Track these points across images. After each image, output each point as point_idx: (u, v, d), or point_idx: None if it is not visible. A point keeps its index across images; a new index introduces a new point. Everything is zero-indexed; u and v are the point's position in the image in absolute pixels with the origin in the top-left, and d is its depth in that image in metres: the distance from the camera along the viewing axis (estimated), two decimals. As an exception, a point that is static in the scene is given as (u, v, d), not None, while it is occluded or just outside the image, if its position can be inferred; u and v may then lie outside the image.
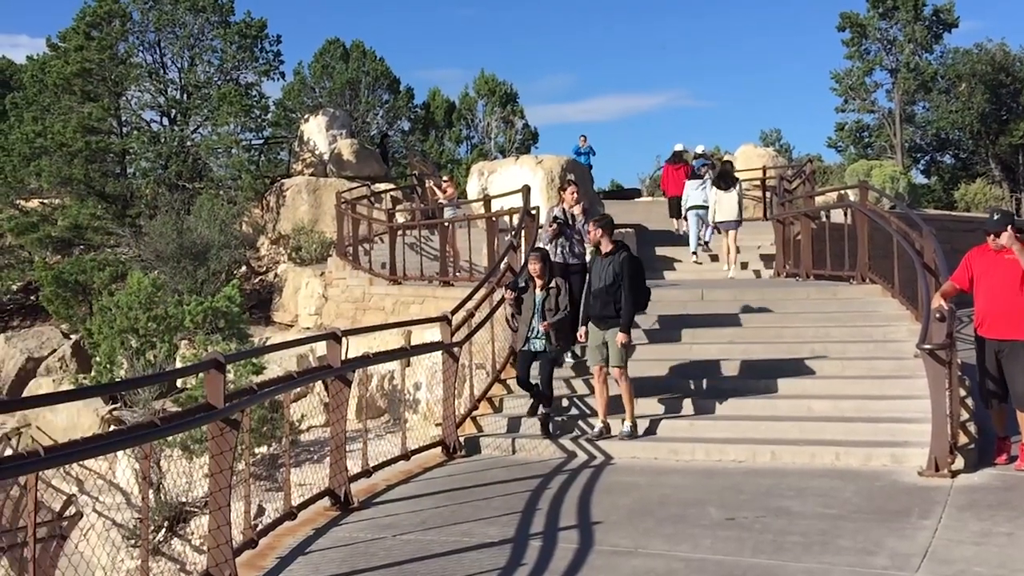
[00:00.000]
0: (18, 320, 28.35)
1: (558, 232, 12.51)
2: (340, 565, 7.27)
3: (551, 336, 11.14)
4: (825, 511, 8.31)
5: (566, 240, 12.55)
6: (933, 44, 46.96)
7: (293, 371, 10.08)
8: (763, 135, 54.22)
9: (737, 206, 18.93)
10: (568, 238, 12.56)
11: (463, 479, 9.90)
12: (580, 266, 12.41)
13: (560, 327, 11.18)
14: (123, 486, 16.15)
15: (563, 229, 12.54)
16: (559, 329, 11.15)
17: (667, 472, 10.03)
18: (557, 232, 12.51)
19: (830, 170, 41.77)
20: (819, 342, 12.55)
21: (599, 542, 7.61)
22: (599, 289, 11.04)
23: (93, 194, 27.83)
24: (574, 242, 12.58)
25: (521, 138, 44.98)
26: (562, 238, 12.53)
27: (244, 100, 28.95)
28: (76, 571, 7.74)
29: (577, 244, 12.58)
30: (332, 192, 26.07)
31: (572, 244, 12.58)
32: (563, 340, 11.29)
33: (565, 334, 11.26)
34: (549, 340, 11.17)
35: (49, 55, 31.03)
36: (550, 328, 11.24)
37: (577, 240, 12.57)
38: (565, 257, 12.48)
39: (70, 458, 5.58)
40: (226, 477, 6.75)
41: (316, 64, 41.87)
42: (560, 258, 12.40)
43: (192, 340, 18.54)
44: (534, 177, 19.08)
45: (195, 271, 23.95)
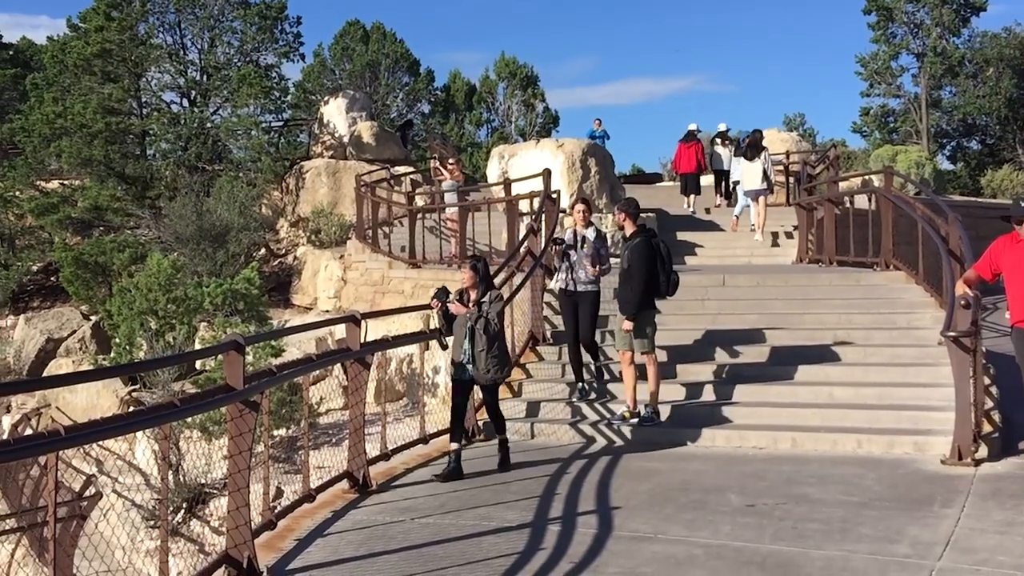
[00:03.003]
0: (38, 301, 28.49)
1: (563, 255, 11.71)
2: (358, 547, 7.27)
3: (480, 360, 9.50)
4: (846, 499, 8.25)
5: (572, 265, 11.67)
6: (961, 28, 46.49)
7: (312, 353, 10.06)
8: (787, 120, 53.88)
9: (763, 174, 19.51)
10: (575, 262, 11.66)
11: (482, 463, 9.88)
12: (585, 294, 11.65)
13: (497, 350, 9.60)
14: (142, 467, 16.22)
15: (568, 252, 11.67)
16: (496, 354, 9.57)
17: (687, 458, 9.99)
18: (562, 255, 11.73)
19: (854, 155, 41.47)
20: (842, 329, 12.46)
21: (618, 527, 7.58)
22: (619, 275, 11.02)
23: (113, 175, 27.88)
24: (580, 267, 11.62)
25: (542, 121, 44.85)
26: (566, 262, 11.70)
27: (264, 82, 28.90)
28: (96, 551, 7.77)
29: (582, 269, 11.62)
30: (352, 175, 26.02)
31: (578, 269, 11.63)
32: (497, 365, 9.61)
33: (500, 358, 9.65)
34: (476, 366, 9.55)
35: (69, 36, 31.06)
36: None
37: (583, 266, 11.61)
38: (567, 283, 11.70)
39: (90, 438, 5.57)
40: (245, 459, 6.74)
41: (336, 46, 41.82)
42: (564, 284, 11.73)
43: (211, 322, 18.56)
44: (555, 161, 18.97)
45: (214, 253, 23.98)
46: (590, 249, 11.57)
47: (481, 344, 9.45)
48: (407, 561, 6.89)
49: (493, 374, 9.60)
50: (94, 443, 13.68)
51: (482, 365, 9.49)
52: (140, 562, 13.27)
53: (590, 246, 11.59)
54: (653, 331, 10.88)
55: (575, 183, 19.18)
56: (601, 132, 28.69)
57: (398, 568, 6.74)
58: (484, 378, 9.61)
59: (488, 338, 9.46)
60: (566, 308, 11.83)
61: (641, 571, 6.62)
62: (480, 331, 9.44)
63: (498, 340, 9.60)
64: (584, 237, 11.66)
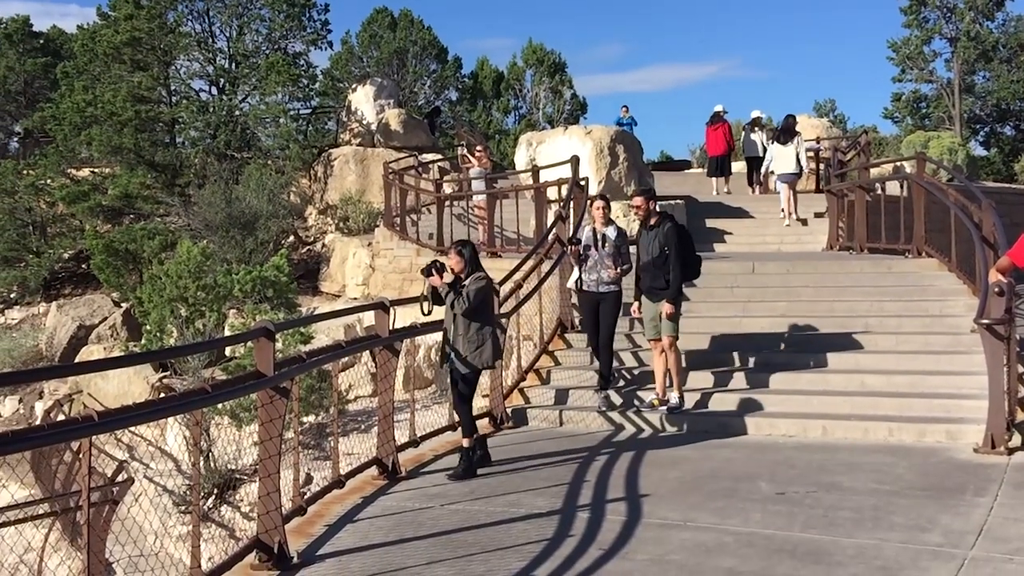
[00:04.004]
0: (70, 288, 28.75)
1: (581, 256, 11.24)
2: (388, 533, 7.29)
3: (459, 345, 9.11)
4: (877, 487, 8.21)
5: (592, 264, 11.21)
6: (994, 12, 45.85)
7: (341, 340, 10.09)
8: (817, 105, 53.28)
9: (795, 159, 19.68)
10: (595, 262, 11.20)
11: (510, 450, 9.89)
12: (606, 295, 11.20)
13: (476, 335, 9.12)
14: (173, 453, 16.35)
15: (587, 252, 11.22)
16: (473, 339, 9.09)
17: (716, 446, 9.96)
18: (580, 256, 11.25)
19: (886, 141, 41.08)
20: (873, 316, 12.37)
21: (647, 515, 7.57)
22: (647, 262, 10.87)
23: (143, 163, 28.05)
24: (603, 266, 11.18)
25: (570, 108, 44.68)
26: (586, 263, 11.23)
27: (292, 69, 28.96)
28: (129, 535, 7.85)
29: (605, 270, 11.15)
30: (379, 162, 26.04)
31: (599, 269, 11.18)
32: (475, 351, 9.10)
33: (479, 343, 9.11)
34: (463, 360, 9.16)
35: (99, 24, 31.21)
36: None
37: (607, 265, 11.15)
38: (589, 284, 11.22)
39: (123, 423, 5.62)
40: (275, 445, 6.77)
41: (364, 33, 41.79)
42: (587, 285, 11.24)
43: (241, 309, 18.67)
44: (583, 148, 18.89)
45: (243, 241, 24.09)
46: (611, 248, 11.15)
47: (461, 327, 9.09)
48: (436, 547, 6.91)
49: (470, 359, 9.04)
50: (126, 429, 13.80)
51: (460, 349, 9.06)
52: (171, 547, 13.38)
53: (611, 244, 11.15)
54: (678, 314, 10.86)
55: (603, 170, 19.10)
56: (628, 119, 28.59)
57: (428, 554, 6.76)
58: (461, 365, 9.11)
59: (464, 322, 9.05)
60: (587, 309, 11.48)
61: (671, 558, 6.61)
62: (459, 313, 9.04)
63: (478, 324, 9.07)
64: (604, 235, 11.17)
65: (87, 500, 5.10)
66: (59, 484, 12.73)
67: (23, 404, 22.68)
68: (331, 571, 6.54)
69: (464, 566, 6.52)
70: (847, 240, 17.44)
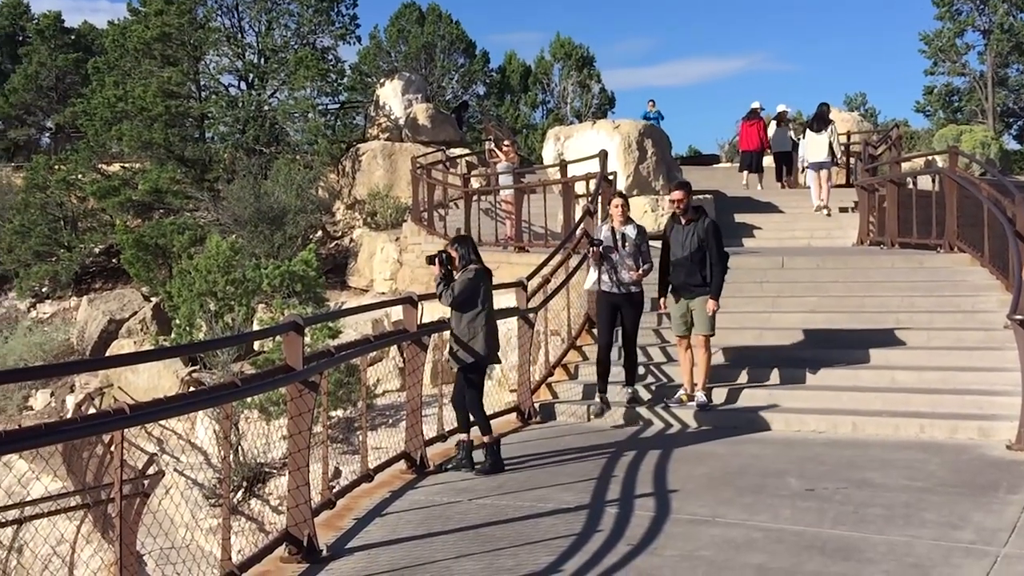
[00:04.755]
0: (100, 282, 29.01)
1: (601, 257, 10.74)
2: (416, 527, 7.30)
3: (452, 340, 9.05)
4: (909, 484, 8.14)
5: (612, 266, 10.73)
6: (1029, 3, 45.39)
7: (370, 335, 10.11)
8: (848, 99, 52.85)
9: (828, 147, 19.60)
10: (615, 264, 10.73)
11: (538, 445, 9.88)
12: (629, 296, 10.79)
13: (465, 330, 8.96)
14: (203, 446, 16.45)
15: (608, 253, 10.73)
16: (457, 337, 8.98)
17: (745, 441, 9.91)
18: (600, 257, 10.74)
19: (918, 135, 40.71)
20: (904, 312, 12.26)
21: (676, 510, 7.54)
22: (683, 258, 10.65)
23: (172, 158, 28.24)
24: (623, 267, 10.71)
25: (597, 102, 44.60)
26: (607, 264, 10.74)
27: (320, 64, 29.07)
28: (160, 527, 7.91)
29: (625, 270, 10.68)
30: (407, 157, 26.09)
31: (619, 270, 10.71)
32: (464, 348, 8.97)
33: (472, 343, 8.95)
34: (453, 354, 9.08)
35: (130, 20, 31.45)
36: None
37: (627, 266, 10.69)
38: (615, 286, 10.73)
39: (155, 416, 5.64)
40: (305, 438, 6.79)
41: (392, 28, 41.92)
42: (608, 287, 10.76)
43: (269, 304, 18.76)
44: (611, 142, 18.82)
45: (272, 235, 24.21)
46: (632, 248, 10.69)
47: (454, 320, 9.02)
48: (465, 541, 6.91)
49: (460, 354, 8.93)
50: (157, 422, 13.90)
51: (453, 343, 9.01)
52: (202, 539, 13.48)
53: (632, 244, 10.70)
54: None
55: (631, 165, 19.04)
56: (655, 113, 28.49)
57: (456, 548, 6.76)
58: (457, 358, 9.02)
59: (456, 315, 8.94)
60: (604, 311, 10.91)
61: (700, 554, 6.58)
62: (446, 305, 8.97)
63: (470, 316, 8.90)
64: (624, 235, 10.72)
65: (119, 492, 5.13)
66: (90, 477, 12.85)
67: (55, 397, 22.92)
68: (360, 564, 6.55)
69: (492, 560, 6.51)
70: (878, 235, 17.32)
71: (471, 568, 6.38)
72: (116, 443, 5.09)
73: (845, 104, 49.77)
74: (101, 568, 11.51)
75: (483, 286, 8.97)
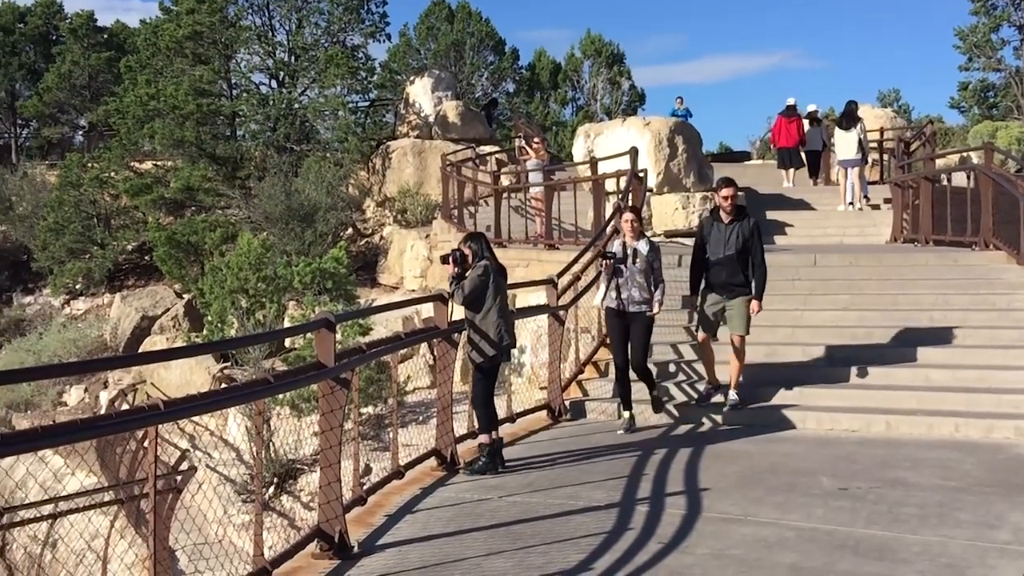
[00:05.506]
0: (133, 280, 29.25)
1: (613, 271, 10.29)
2: (447, 524, 7.30)
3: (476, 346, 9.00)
4: (943, 483, 8.07)
5: (624, 281, 10.26)
6: (1066, -2, 44.79)
7: (400, 332, 10.12)
8: (881, 95, 52.36)
9: (856, 144, 19.73)
10: (626, 279, 10.26)
11: (568, 443, 9.87)
12: (638, 315, 10.29)
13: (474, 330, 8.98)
14: (234, 443, 16.55)
15: (619, 268, 10.27)
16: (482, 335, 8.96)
17: (777, 440, 9.86)
18: (612, 271, 10.30)
19: (952, 132, 40.27)
20: (938, 310, 12.14)
21: (707, 509, 7.51)
22: (725, 257, 10.42)
23: (204, 156, 28.39)
24: (633, 284, 10.25)
25: (627, 100, 44.44)
26: (619, 279, 10.28)
27: (350, 62, 29.11)
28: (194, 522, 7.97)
29: (637, 288, 10.24)
30: (437, 154, 26.11)
31: (630, 287, 10.26)
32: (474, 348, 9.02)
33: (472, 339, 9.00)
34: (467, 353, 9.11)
35: (161, 19, 31.66)
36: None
37: (637, 283, 10.24)
38: (623, 303, 10.28)
39: (189, 412, 5.69)
40: (336, 435, 6.81)
41: (421, 26, 41.95)
42: (617, 304, 10.30)
43: (300, 301, 18.84)
44: (641, 139, 18.78)
45: (303, 233, 24.30)
46: (643, 264, 10.23)
47: (468, 317, 9.01)
48: (495, 539, 6.91)
49: (471, 355, 8.97)
50: (188, 418, 13.99)
51: (468, 340, 9.00)
52: (234, 535, 13.56)
53: (643, 260, 10.24)
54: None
55: (662, 162, 18.98)
56: (683, 111, 28.36)
57: (487, 545, 6.76)
58: (473, 355, 8.99)
59: (470, 312, 8.96)
60: (615, 331, 10.46)
61: (731, 553, 6.55)
62: (458, 304, 8.99)
63: (481, 313, 8.91)
64: (636, 250, 10.26)
65: (153, 488, 5.17)
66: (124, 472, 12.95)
67: (88, 393, 23.14)
68: (391, 561, 6.56)
69: (523, 558, 6.51)
70: (911, 232, 17.18)
71: (501, 566, 6.38)
72: (150, 439, 5.12)
73: (878, 101, 49.28)
74: (135, 563, 11.63)
75: (493, 282, 8.96)
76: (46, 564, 13.43)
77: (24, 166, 35.81)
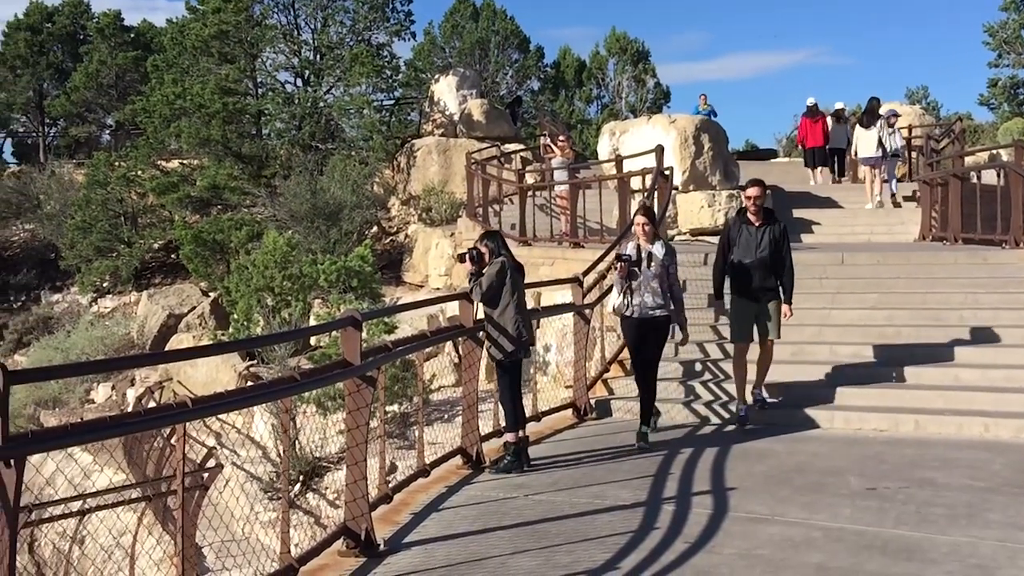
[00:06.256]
0: (159, 278, 29.43)
1: (628, 274, 9.75)
2: (473, 523, 7.31)
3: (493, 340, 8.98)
4: (973, 483, 8.01)
5: (638, 286, 9.75)
6: (1097, -7, 44.28)
7: (426, 330, 10.14)
8: (909, 92, 51.91)
9: (878, 142, 19.74)
10: (640, 284, 9.74)
11: (594, 441, 9.85)
12: (654, 320, 9.76)
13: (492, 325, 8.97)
14: (260, 441, 16.62)
15: (633, 271, 9.73)
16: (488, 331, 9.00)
17: (804, 440, 9.81)
18: (627, 274, 9.75)
19: (981, 129, 39.96)
20: (968, 309, 12.03)
21: (734, 508, 7.48)
22: (756, 261, 10.16)
23: (230, 155, 28.51)
24: (647, 289, 9.72)
25: (652, 97, 44.30)
26: (633, 283, 9.75)
27: (375, 61, 29.16)
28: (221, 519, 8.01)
29: (651, 294, 9.72)
30: (462, 153, 26.11)
31: (644, 293, 9.72)
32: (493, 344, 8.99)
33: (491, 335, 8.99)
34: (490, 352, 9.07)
35: (188, 18, 31.82)
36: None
37: (652, 288, 9.72)
38: (637, 310, 9.74)
39: (216, 409, 5.71)
40: (362, 433, 6.82)
41: (446, 24, 41.96)
42: (631, 311, 9.78)
43: (325, 299, 18.89)
44: (667, 137, 18.72)
45: (328, 231, 24.36)
46: (658, 268, 9.73)
47: (486, 314, 9.03)
48: (521, 537, 6.90)
49: (491, 351, 8.97)
50: (215, 416, 14.05)
51: (487, 337, 9.04)
52: (260, 532, 13.61)
53: (658, 264, 9.73)
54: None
55: (688, 160, 18.92)
56: (707, 109, 28.25)
57: (512, 544, 6.76)
58: (494, 352, 9.00)
59: (488, 309, 8.96)
60: (632, 339, 9.96)
61: (758, 552, 6.52)
62: (476, 300, 9.00)
63: (499, 310, 8.88)
64: (651, 254, 9.74)
65: (181, 485, 5.20)
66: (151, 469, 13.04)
67: (115, 390, 23.30)
68: (417, 559, 6.57)
69: (549, 556, 6.50)
70: (940, 230, 17.04)
71: (527, 564, 6.37)
72: (178, 436, 5.15)
73: (906, 97, 48.87)
74: (163, 559, 11.70)
75: (510, 278, 8.95)
76: (74, 560, 13.53)
77: (52, 165, 36.11)
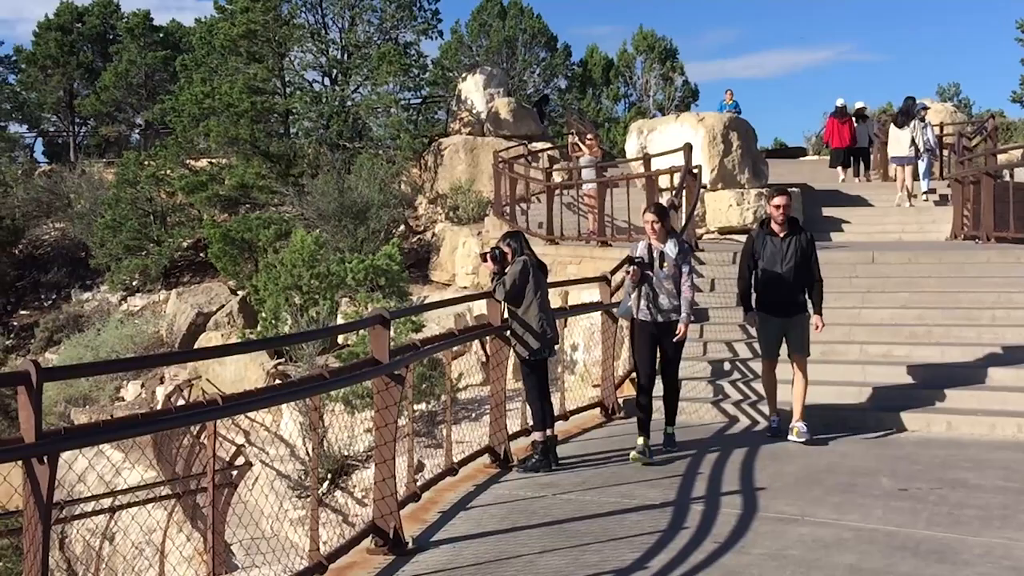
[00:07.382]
0: (188, 276, 29.62)
1: (641, 278, 9.19)
2: (501, 521, 7.30)
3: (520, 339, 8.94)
4: (1006, 484, 7.94)
5: (651, 288, 9.22)
6: None
7: (454, 329, 10.13)
8: (940, 90, 51.49)
9: (910, 141, 19.82)
10: (656, 286, 9.21)
11: (622, 440, 9.80)
12: (670, 325, 9.22)
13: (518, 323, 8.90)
14: (287, 439, 16.68)
15: (646, 274, 9.21)
16: (513, 328, 8.94)
17: (834, 440, 9.73)
18: (639, 278, 9.19)
19: (1014, 126, 39.56)
20: (1001, 308, 11.92)
21: (763, 508, 7.44)
22: (783, 273, 9.75)
23: (258, 154, 28.65)
24: (661, 291, 9.21)
25: (680, 95, 44.12)
26: (646, 286, 9.21)
27: (403, 59, 29.22)
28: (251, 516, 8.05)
29: (666, 295, 9.19)
30: (489, 151, 26.11)
31: (658, 295, 9.21)
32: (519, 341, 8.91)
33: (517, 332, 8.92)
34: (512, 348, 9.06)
35: (216, 17, 32.01)
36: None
37: (666, 289, 9.19)
38: (652, 313, 9.21)
39: (246, 407, 5.72)
40: (391, 431, 6.82)
41: (473, 22, 41.97)
42: (645, 315, 9.23)
43: (353, 298, 18.93)
44: (695, 135, 18.63)
45: (355, 230, 24.43)
46: (671, 268, 9.20)
47: (510, 313, 9.01)
48: (549, 536, 6.88)
49: (517, 349, 8.94)
50: (244, 414, 14.12)
51: (511, 336, 9.02)
52: (288, 530, 13.66)
53: (671, 264, 9.20)
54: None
55: (716, 158, 18.82)
56: (733, 104, 28.10)
57: (541, 543, 6.74)
58: (519, 351, 8.98)
59: (511, 308, 8.92)
60: (642, 344, 9.31)
61: (788, 553, 6.47)
62: (499, 300, 8.95)
63: (523, 308, 8.83)
64: (663, 253, 9.21)
65: (212, 482, 5.21)
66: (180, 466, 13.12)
67: (145, 388, 23.49)
68: (445, 557, 6.57)
69: (577, 555, 6.48)
70: (972, 229, 16.87)
71: (556, 563, 6.35)
72: (209, 433, 5.16)
73: (938, 95, 48.50)
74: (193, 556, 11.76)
75: (533, 277, 8.93)
76: (105, 556, 13.64)
77: (82, 164, 36.45)
